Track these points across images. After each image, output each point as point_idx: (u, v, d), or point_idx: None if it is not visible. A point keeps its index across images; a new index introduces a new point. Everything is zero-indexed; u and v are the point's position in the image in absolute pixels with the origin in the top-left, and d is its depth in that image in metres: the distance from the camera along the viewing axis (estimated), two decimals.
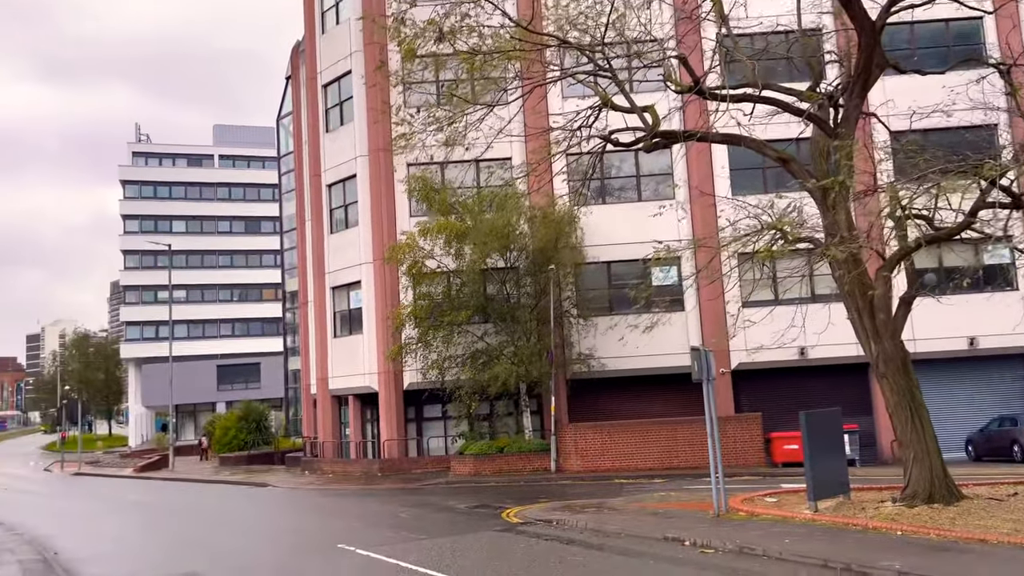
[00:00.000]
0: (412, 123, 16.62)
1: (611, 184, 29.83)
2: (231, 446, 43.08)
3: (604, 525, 14.21)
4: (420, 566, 11.56)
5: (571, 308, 27.98)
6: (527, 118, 25.53)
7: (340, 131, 31.84)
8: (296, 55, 39.33)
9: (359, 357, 30.23)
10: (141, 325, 75.76)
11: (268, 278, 75.08)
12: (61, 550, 15.24)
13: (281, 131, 49.67)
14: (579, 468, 25.44)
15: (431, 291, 27.21)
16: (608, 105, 16.16)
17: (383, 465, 28.53)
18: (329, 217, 32.41)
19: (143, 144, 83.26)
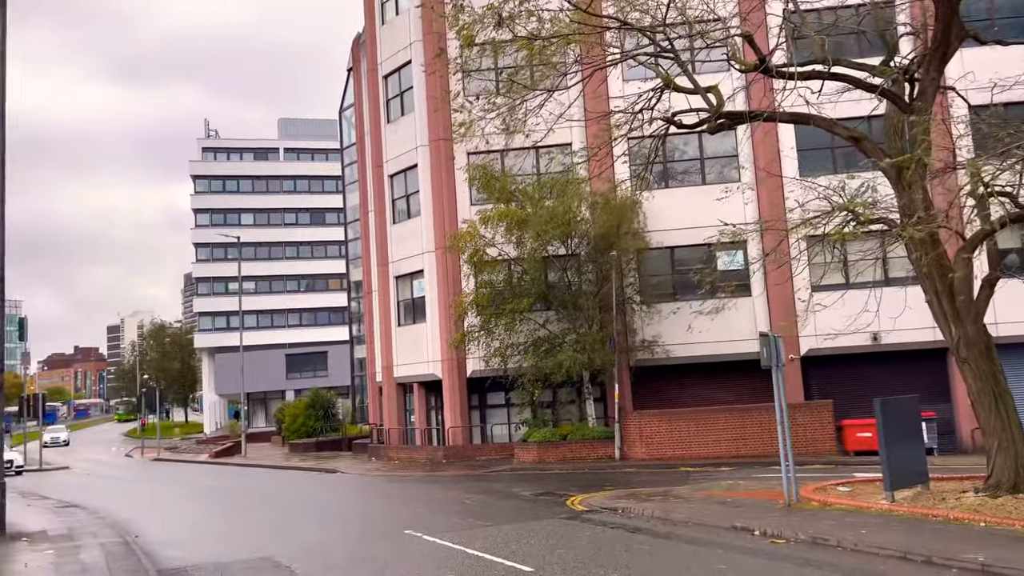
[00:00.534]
0: (471, 111, 16.59)
1: (674, 168, 29.34)
2: (300, 433, 44.13)
3: (671, 514, 14.03)
4: (486, 552, 11.61)
5: (634, 294, 27.69)
6: (587, 102, 25.63)
7: (401, 121, 32.10)
8: (357, 47, 39.75)
9: (423, 345, 30.55)
10: (213, 315, 78.15)
11: (333, 268, 76.44)
12: (141, 533, 15.84)
13: (343, 123, 50.34)
14: (644, 456, 25.21)
15: (492, 279, 27.27)
16: (670, 86, 15.84)
17: (447, 452, 28.82)
18: (391, 207, 32.75)
19: (212, 140, 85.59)
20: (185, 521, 18.28)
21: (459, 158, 29.13)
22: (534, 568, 10.45)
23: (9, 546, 14.71)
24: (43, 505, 22.76)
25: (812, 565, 9.95)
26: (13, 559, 13.22)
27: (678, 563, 10.62)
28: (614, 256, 25.79)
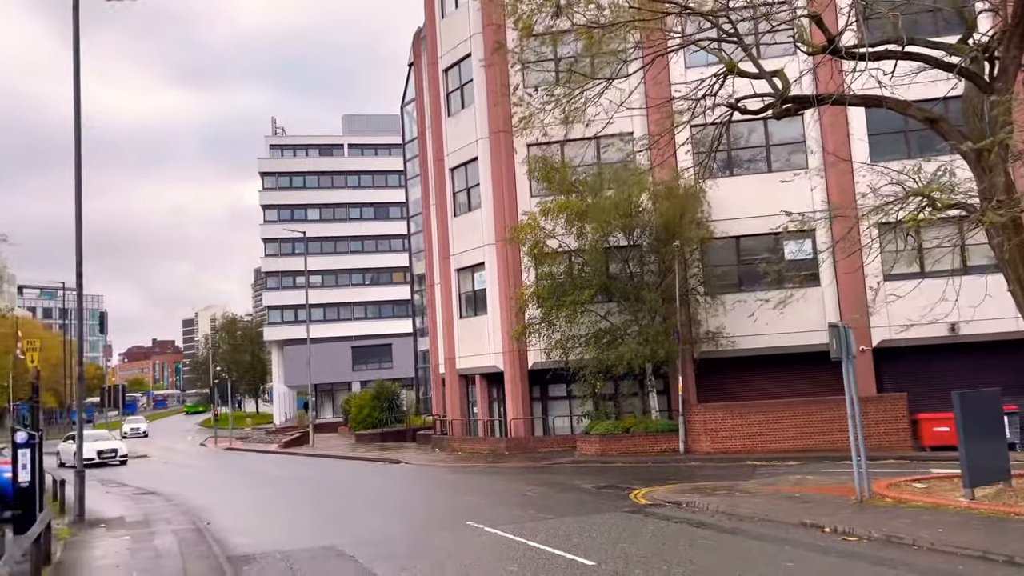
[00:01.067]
0: (531, 102, 16.49)
1: (738, 155, 28.67)
2: (366, 423, 44.90)
3: (736, 509, 13.73)
4: (547, 545, 11.55)
5: (698, 285, 27.20)
6: (648, 90, 25.11)
7: (461, 115, 32.19)
8: (417, 42, 40.03)
9: (484, 337, 30.65)
10: (281, 309, 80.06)
11: (397, 262, 77.44)
12: (212, 520, 16.31)
13: (405, 118, 50.83)
14: (708, 449, 24.78)
15: (553, 271, 27.13)
16: (734, 72, 15.43)
17: (509, 443, 28.87)
18: (452, 200, 32.91)
19: (279, 137, 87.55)
20: (254, 509, 18.75)
21: (519, 150, 29.07)
22: (596, 562, 10.34)
23: (88, 532, 15.33)
24: (121, 492, 23.66)
25: (886, 564, 9.58)
26: (92, 545, 13.75)
27: (744, 559, 10.36)
28: (677, 246, 25.36)
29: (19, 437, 14.61)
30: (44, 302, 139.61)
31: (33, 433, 14.90)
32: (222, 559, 11.57)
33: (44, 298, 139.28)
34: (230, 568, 10.92)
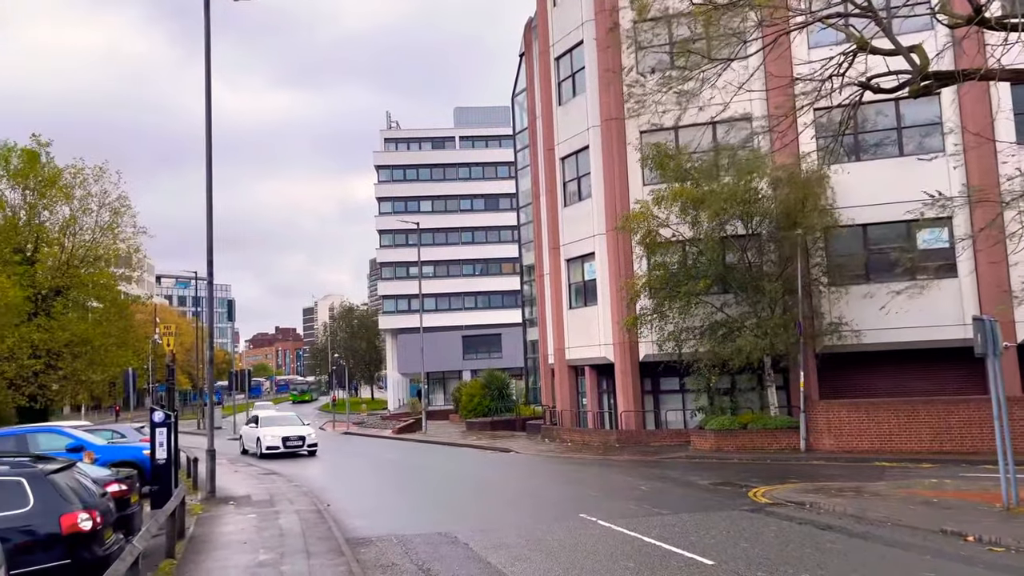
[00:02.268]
0: (645, 84, 16.05)
1: (866, 139, 27.08)
2: (476, 411, 45.46)
3: (866, 512, 12.94)
4: (663, 542, 11.23)
5: (821, 276, 25.91)
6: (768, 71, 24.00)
7: (572, 103, 31.90)
8: (528, 31, 39.95)
9: (594, 328, 30.34)
10: (396, 299, 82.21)
11: (507, 252, 77.96)
12: (332, 502, 16.83)
13: (516, 108, 50.91)
14: (831, 448, 23.59)
15: (666, 261, 26.48)
16: (866, 49, 14.48)
17: (620, 436, 28.49)
18: (563, 190, 32.70)
19: (393, 131, 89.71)
20: (370, 493, 19.23)
21: (631, 135, 28.54)
22: (715, 561, 9.96)
23: (218, 508, 16.12)
24: (247, 472, 24.82)
25: None
26: (221, 521, 14.44)
27: (877, 567, 9.72)
28: (799, 235, 24.20)
29: (156, 417, 15.50)
30: (179, 291, 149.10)
31: (169, 413, 15.77)
32: (341, 541, 11.87)
33: (179, 287, 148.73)
34: (349, 550, 11.18)
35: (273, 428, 30.70)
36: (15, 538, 7.84)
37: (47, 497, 8.27)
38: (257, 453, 29.79)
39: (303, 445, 30.09)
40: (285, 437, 29.94)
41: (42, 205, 39.70)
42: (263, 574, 9.88)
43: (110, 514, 9.35)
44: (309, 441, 30.36)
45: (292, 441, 30.02)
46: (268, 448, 29.43)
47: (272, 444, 29.58)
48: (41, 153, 39.39)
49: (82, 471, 9.74)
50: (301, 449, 29.98)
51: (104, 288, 41.55)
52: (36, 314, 37.74)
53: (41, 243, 39.85)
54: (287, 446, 29.75)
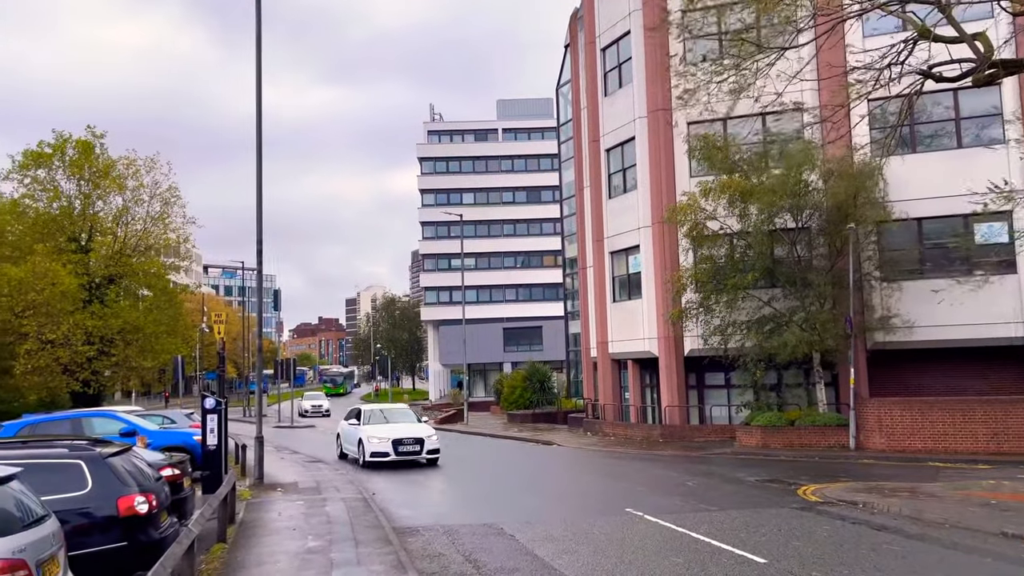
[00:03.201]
0: (696, 73, 15.77)
1: (920, 131, 26.33)
2: (517, 404, 45.47)
3: (922, 513, 12.59)
4: (712, 539, 11.06)
5: (873, 270, 25.30)
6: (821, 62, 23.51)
7: (618, 94, 31.59)
8: (574, 22, 39.67)
9: (638, 322, 30.07)
10: (437, 290, 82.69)
11: (549, 245, 77.85)
12: (377, 491, 16.94)
13: (560, 100, 50.68)
14: (882, 447, 23.05)
15: (713, 254, 26.11)
16: (928, 36, 14.04)
17: (664, 431, 28.22)
18: (607, 182, 32.45)
19: (436, 123, 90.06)
20: (414, 482, 19.31)
21: (679, 126, 28.15)
22: (767, 560, 9.76)
23: (266, 495, 16.34)
24: (293, 459, 25.15)
25: None
26: (270, 507, 14.63)
27: (937, 569, 9.43)
28: (851, 228, 23.63)
29: (208, 403, 15.76)
30: (225, 281, 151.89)
31: (220, 400, 16.02)
32: (388, 530, 11.93)
33: (225, 277, 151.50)
34: (396, 539, 11.23)
35: (380, 427, 22.56)
36: (73, 520, 7.99)
37: (105, 480, 8.42)
38: (359, 460, 22.19)
39: (421, 451, 21.78)
40: (397, 440, 21.71)
41: (96, 195, 40.70)
42: (313, 560, 9.96)
43: (165, 497, 9.50)
44: (429, 445, 21.94)
45: (406, 445, 21.70)
46: (374, 455, 21.55)
47: (379, 450, 21.58)
48: (95, 144, 40.38)
49: (138, 455, 9.92)
50: (419, 456, 21.80)
51: (154, 277, 42.50)
52: (90, 301, 38.73)
53: (95, 232, 40.87)
54: (399, 452, 21.58)
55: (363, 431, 22.35)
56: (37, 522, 6.13)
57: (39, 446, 9.25)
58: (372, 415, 23.64)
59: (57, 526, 6.53)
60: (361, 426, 22.81)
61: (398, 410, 24.90)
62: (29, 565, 5.53)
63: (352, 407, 26.41)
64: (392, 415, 23.88)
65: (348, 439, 24.05)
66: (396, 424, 22.97)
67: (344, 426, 24.85)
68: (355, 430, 23.13)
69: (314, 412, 57.59)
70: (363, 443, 21.90)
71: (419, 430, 22.58)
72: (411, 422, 23.58)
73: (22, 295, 35.32)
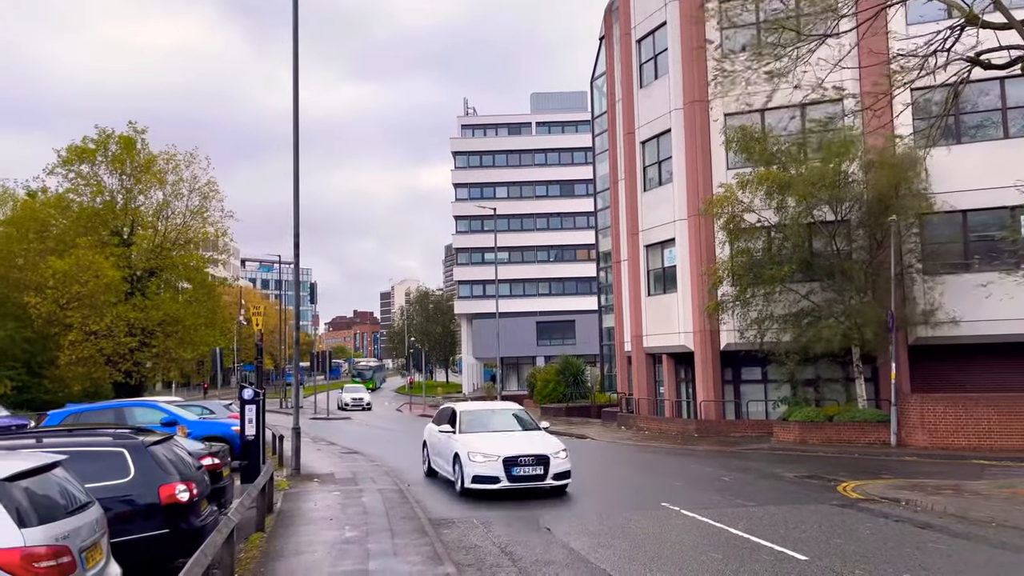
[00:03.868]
0: (735, 61, 15.53)
1: (965, 120, 25.65)
2: (551, 397, 45.43)
3: (968, 512, 12.28)
4: (750, 534, 10.90)
5: (914, 263, 24.75)
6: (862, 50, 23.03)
7: (654, 86, 31.28)
8: (609, 14, 39.34)
9: (673, 315, 29.80)
10: (471, 284, 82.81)
11: (582, 239, 77.48)
12: (411, 483, 17.01)
13: (595, 92, 50.32)
14: (925, 444, 22.57)
15: (750, 247, 25.76)
16: (976, 22, 13.66)
17: (699, 426, 27.96)
18: (642, 174, 32.17)
19: (470, 117, 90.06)
20: None
21: (715, 117, 27.81)
22: (808, 557, 9.58)
23: (303, 485, 16.50)
24: (330, 450, 25.40)
25: None
26: (307, 498, 14.76)
27: (984, 569, 9.18)
28: (893, 220, 23.13)
29: (246, 394, 15.93)
30: (262, 274, 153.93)
31: (258, 391, 16.20)
32: (424, 521, 11.96)
33: (262, 271, 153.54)
34: (432, 530, 11.25)
35: (485, 438, 15.54)
36: (116, 507, 8.11)
37: (147, 468, 8.53)
38: (456, 483, 15.41)
39: (545, 475, 14.81)
40: (511, 459, 14.72)
41: (138, 190, 41.44)
42: (350, 551, 10.02)
43: (205, 486, 9.61)
44: (556, 466, 14.92)
45: (524, 466, 14.70)
46: (478, 479, 14.71)
47: (485, 472, 14.66)
48: (137, 140, 41.09)
49: (179, 444, 10.05)
50: (542, 482, 14.79)
51: (193, 270, 43.18)
52: (132, 294, 39.48)
53: (137, 226, 41.62)
54: (514, 476, 14.65)
55: (460, 442, 15.42)
56: (80, 509, 6.23)
57: (84, 435, 9.41)
58: (472, 418, 16.62)
59: (100, 513, 6.62)
60: (457, 434, 15.91)
61: (505, 411, 17.62)
62: (72, 551, 5.61)
63: (443, 406, 19.32)
64: (498, 419, 16.93)
65: (439, 451, 17.06)
66: (506, 433, 16.03)
67: (433, 433, 17.78)
68: (448, 440, 16.21)
69: (355, 405, 57.05)
70: (461, 460, 14.92)
71: (539, 442, 15.40)
72: (526, 429, 16.61)
73: (67, 287, 36.13)
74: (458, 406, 17.68)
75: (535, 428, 16.87)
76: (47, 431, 11.24)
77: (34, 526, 5.45)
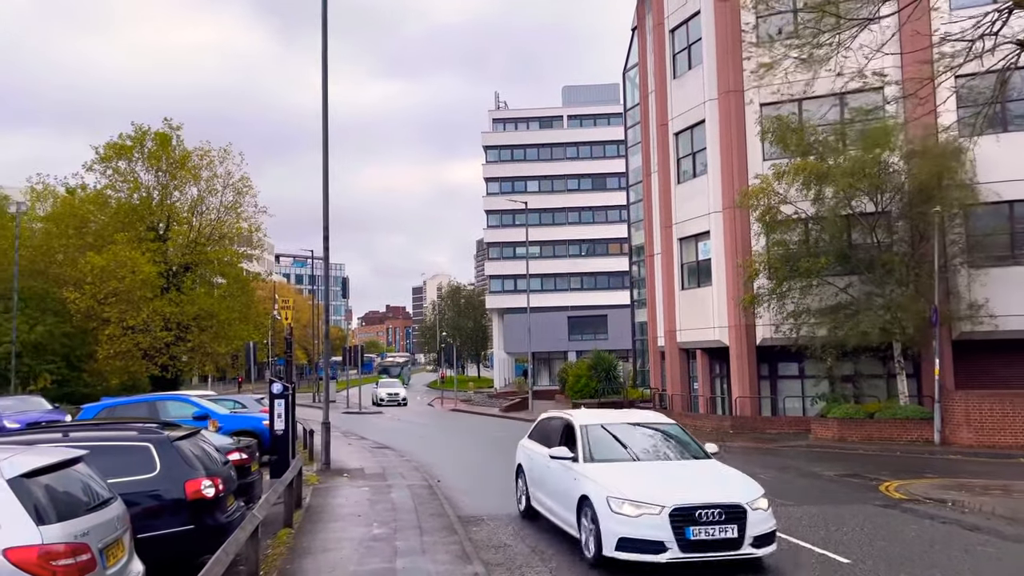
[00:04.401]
0: (773, 47, 15.07)
1: (1012, 108, 24.79)
2: (583, 393, 45.02)
3: (1018, 513, 11.80)
4: (790, 535, 10.53)
5: (958, 255, 23.98)
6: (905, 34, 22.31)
7: (687, 76, 30.73)
8: (642, 4, 38.82)
9: (708, 310, 29.30)
10: (502, 279, 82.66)
11: (614, 233, 76.89)
12: (442, 478, 16.86)
13: (627, 84, 49.80)
14: (970, 442, 21.87)
15: (786, 238, 25.19)
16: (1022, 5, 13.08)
17: (735, 422, 27.46)
18: (676, 167, 31.65)
19: (501, 111, 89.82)
20: (480, 470, 19.20)
21: (750, 104, 27.20)
22: (851, 560, 9.22)
23: (333, 480, 16.43)
24: (360, 445, 25.38)
25: None
26: (336, 493, 14.67)
27: None
28: (937, 211, 22.41)
29: (275, 388, 15.89)
30: (296, 269, 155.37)
31: (287, 384, 16.15)
32: (453, 519, 11.77)
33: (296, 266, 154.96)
34: (461, 528, 11.06)
35: (631, 473, 9.76)
36: (143, 502, 8.04)
37: (173, 463, 8.45)
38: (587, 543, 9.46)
39: (741, 539, 8.73)
40: (684, 511, 8.78)
41: (173, 186, 41.90)
42: (377, 548, 9.86)
43: (232, 482, 9.52)
44: (755, 526, 8.90)
45: (707, 525, 8.76)
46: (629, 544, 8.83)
47: (641, 535, 8.77)
48: (172, 136, 41.53)
49: (205, 439, 9.97)
50: (736, 549, 8.72)
51: (228, 265, 43.58)
52: (167, 289, 39.96)
53: (172, 222, 42.09)
54: (691, 541, 8.68)
55: (591, 478, 9.63)
56: (101, 505, 6.12)
57: (111, 429, 9.36)
58: (603, 438, 10.65)
59: (122, 509, 6.51)
60: (581, 463, 10.15)
61: (651, 427, 11.34)
62: (92, 549, 5.49)
63: (548, 416, 12.97)
64: (642, 439, 10.93)
65: (548, 485, 11.16)
66: (660, 463, 10.33)
67: (534, 456, 12.10)
68: (566, 472, 10.36)
69: (390, 401, 56.55)
70: (594, 509, 9.23)
71: (720, 481, 9.79)
72: (689, 457, 10.57)
73: (105, 283, 36.67)
74: (575, 416, 11.28)
75: (702, 455, 10.52)
76: (75, 425, 11.25)
77: (52, 523, 5.33)
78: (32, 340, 36.34)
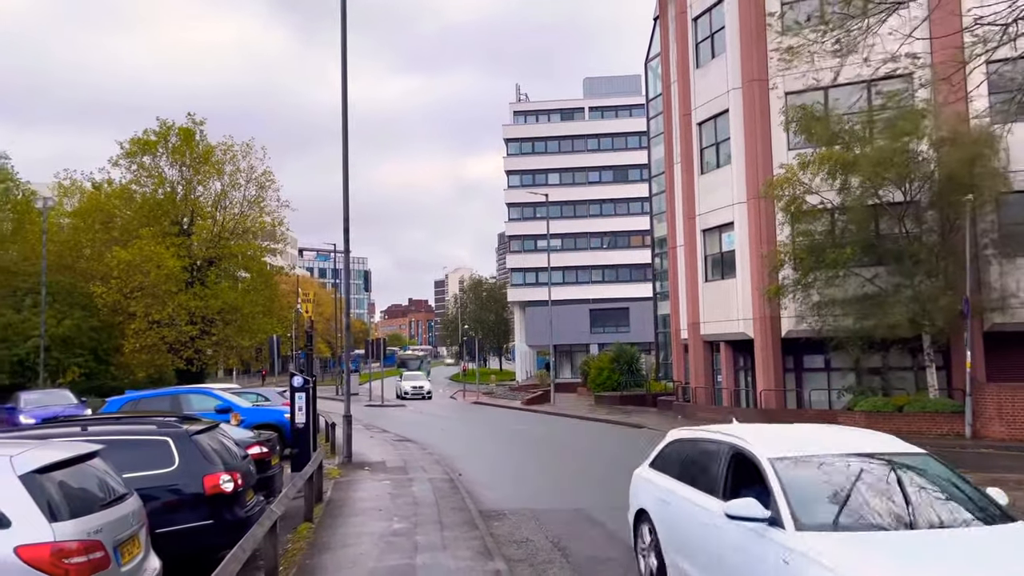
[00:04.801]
0: (798, 34, 14.73)
1: None
2: (605, 386, 44.82)
3: None
4: None
5: (990, 245, 23.45)
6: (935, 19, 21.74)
7: (711, 65, 30.31)
8: None
9: (732, 302, 28.94)
10: (524, 271, 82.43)
11: (636, 225, 76.34)
12: (464, 472, 16.77)
13: (649, 74, 49.34)
14: (1003, 436, 21.41)
15: (811, 229, 24.77)
16: None
17: (760, 415, 27.08)
18: (699, 157, 31.27)
19: (522, 103, 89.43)
20: (502, 464, 19.09)
21: (777, 92, 26.74)
22: None
23: (354, 474, 16.40)
24: (383, 438, 25.39)
25: None
26: (358, 486, 14.63)
27: None
28: (968, 200, 21.89)
29: (296, 381, 15.87)
30: (319, 263, 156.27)
31: (308, 378, 16.11)
32: (474, 513, 11.67)
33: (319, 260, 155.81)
34: (482, 523, 10.95)
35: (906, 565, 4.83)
36: (161, 496, 8.00)
37: (191, 457, 8.40)
38: None
39: None
40: None
41: (196, 180, 42.19)
42: (397, 544, 9.77)
43: (251, 476, 9.46)
44: None
45: None
46: None
47: None
48: (196, 131, 41.79)
49: (224, 433, 9.93)
50: None
51: (251, 259, 43.85)
52: (192, 283, 40.27)
53: (196, 216, 42.40)
54: None
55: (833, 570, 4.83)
56: (116, 501, 6.05)
57: (129, 423, 9.33)
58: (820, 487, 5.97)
59: (138, 505, 6.45)
60: (797, 534, 5.39)
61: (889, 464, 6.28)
62: (105, 546, 5.42)
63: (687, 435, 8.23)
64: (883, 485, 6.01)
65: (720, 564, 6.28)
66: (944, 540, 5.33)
67: (676, 500, 7.42)
68: (763, 545, 5.59)
69: (415, 394, 56.44)
70: None
71: None
72: (979, 521, 5.66)
73: (130, 277, 37.03)
74: (750, 439, 6.69)
75: (992, 509, 5.91)
76: (94, 419, 11.27)
77: (65, 520, 5.27)
78: (60, 334, 36.78)
